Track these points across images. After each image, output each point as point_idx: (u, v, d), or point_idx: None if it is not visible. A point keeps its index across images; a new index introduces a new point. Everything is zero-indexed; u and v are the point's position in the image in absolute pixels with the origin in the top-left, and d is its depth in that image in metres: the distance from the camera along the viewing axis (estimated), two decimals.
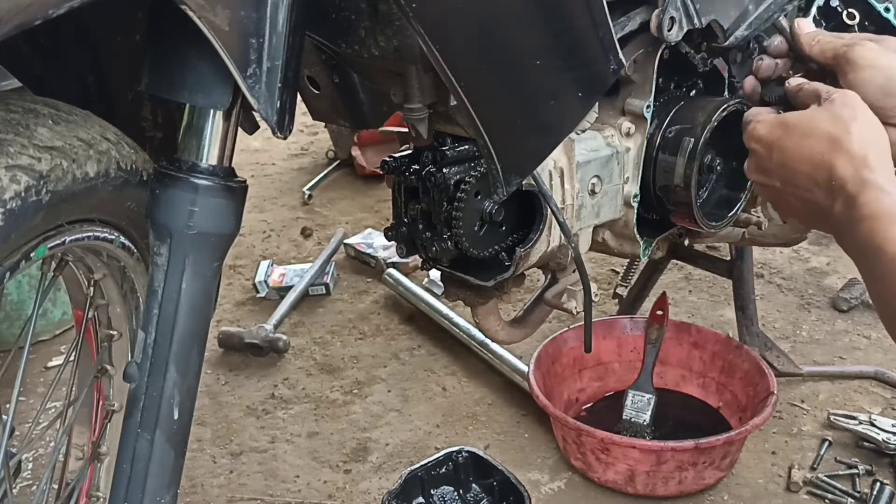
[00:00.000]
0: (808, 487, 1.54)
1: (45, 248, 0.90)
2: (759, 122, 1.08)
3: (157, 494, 0.90)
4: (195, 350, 0.91)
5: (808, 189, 1.02)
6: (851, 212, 0.96)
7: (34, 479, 1.61)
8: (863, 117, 1.01)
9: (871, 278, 0.95)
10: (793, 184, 1.03)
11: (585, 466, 1.56)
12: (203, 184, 0.87)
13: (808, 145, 1.01)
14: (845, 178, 0.97)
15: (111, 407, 1.18)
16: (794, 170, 1.02)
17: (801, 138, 1.02)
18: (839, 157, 0.98)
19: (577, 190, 1.28)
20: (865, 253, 0.94)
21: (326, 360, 2.00)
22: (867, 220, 0.93)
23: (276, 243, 2.59)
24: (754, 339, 1.76)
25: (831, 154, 0.98)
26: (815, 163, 1.00)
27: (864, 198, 0.95)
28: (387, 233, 1.24)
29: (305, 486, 1.60)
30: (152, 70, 0.87)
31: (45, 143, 0.84)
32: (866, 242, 0.93)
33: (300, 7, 0.84)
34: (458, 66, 0.89)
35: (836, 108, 1.02)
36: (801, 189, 1.03)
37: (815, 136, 1.01)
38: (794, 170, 1.02)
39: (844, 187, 0.97)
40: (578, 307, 1.35)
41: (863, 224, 0.94)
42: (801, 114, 1.05)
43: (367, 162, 2.95)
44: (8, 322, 1.98)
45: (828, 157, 0.98)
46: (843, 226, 0.98)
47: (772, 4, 1.38)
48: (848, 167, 0.97)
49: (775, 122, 1.06)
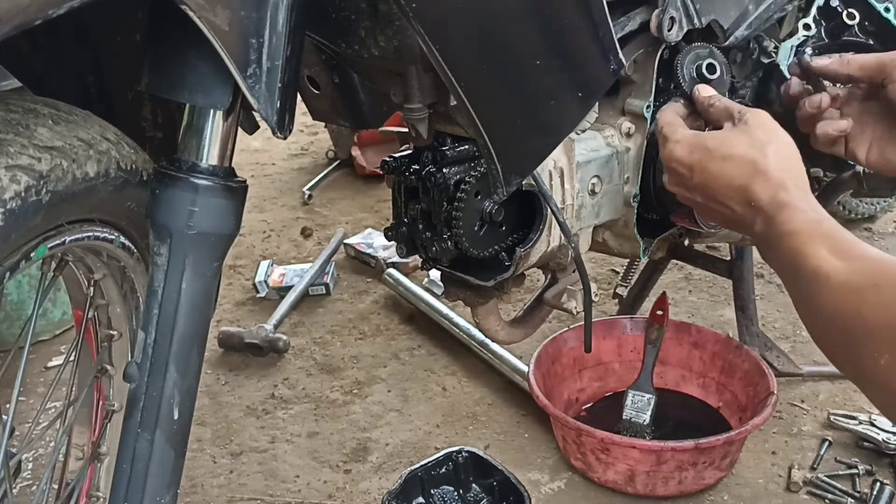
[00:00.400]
0: (808, 487, 1.54)
1: (45, 248, 0.90)
2: (677, 143, 1.14)
3: (157, 494, 0.90)
4: (195, 350, 0.91)
5: (729, 207, 1.08)
6: (770, 230, 1.01)
7: (34, 479, 1.61)
8: (777, 139, 1.08)
9: (794, 293, 0.99)
10: (714, 201, 1.10)
11: (585, 466, 1.56)
12: (203, 184, 0.87)
13: (727, 168, 1.07)
14: (763, 199, 1.03)
15: (111, 407, 1.18)
16: (716, 190, 1.09)
17: (720, 161, 1.08)
18: (757, 180, 1.04)
19: (577, 190, 1.28)
20: (787, 268, 0.99)
21: (326, 360, 2.00)
22: (785, 238, 0.98)
23: (276, 243, 2.59)
24: (754, 339, 1.76)
25: (750, 178, 1.05)
26: (734, 185, 1.06)
27: (781, 217, 1.00)
28: (387, 233, 1.24)
29: (305, 486, 1.60)
30: (152, 70, 0.87)
31: (45, 143, 0.84)
32: (786, 259, 0.98)
33: (300, 7, 0.84)
34: (458, 66, 0.89)
35: (752, 131, 1.09)
36: (723, 207, 1.09)
37: (734, 160, 1.07)
38: (716, 190, 1.09)
39: (763, 208, 1.03)
40: (578, 307, 1.35)
41: (782, 242, 0.99)
42: (719, 136, 1.12)
43: (367, 162, 2.95)
44: (8, 322, 1.98)
45: (746, 181, 1.05)
46: (764, 243, 1.04)
47: (772, 4, 1.39)
48: (766, 189, 1.03)
49: (694, 144, 1.12)
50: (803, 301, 0.96)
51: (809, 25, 1.46)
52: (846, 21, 1.48)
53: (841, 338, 0.90)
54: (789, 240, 0.97)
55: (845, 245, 0.93)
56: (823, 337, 0.95)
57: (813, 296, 0.93)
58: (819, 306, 0.93)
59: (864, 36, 1.49)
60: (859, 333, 0.87)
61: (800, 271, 0.95)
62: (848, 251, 0.92)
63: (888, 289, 0.86)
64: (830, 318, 0.91)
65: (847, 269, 0.90)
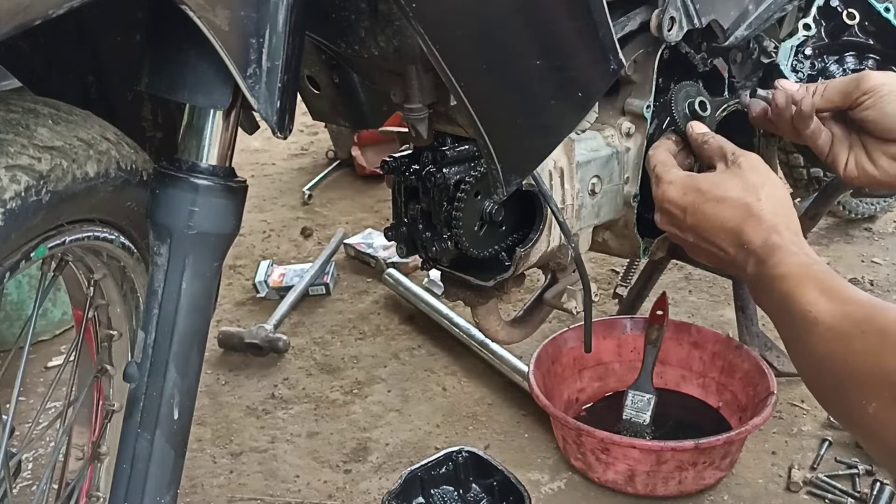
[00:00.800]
0: (808, 487, 1.54)
1: (45, 248, 0.90)
2: (670, 184, 1.16)
3: (157, 494, 0.90)
4: (195, 350, 0.91)
5: (721, 249, 1.10)
6: (762, 272, 1.02)
7: (34, 479, 1.61)
8: (770, 182, 1.10)
9: (785, 336, 1.00)
10: (707, 241, 1.12)
11: (585, 466, 1.56)
12: (203, 184, 0.87)
13: (721, 210, 1.09)
14: (756, 242, 1.04)
15: (111, 407, 1.18)
16: (708, 231, 1.11)
17: (714, 203, 1.10)
18: (750, 223, 1.06)
19: (577, 190, 1.28)
20: (779, 311, 1.00)
21: (326, 360, 2.00)
22: (776, 281, 0.99)
23: (276, 243, 2.59)
24: (754, 339, 1.76)
25: (743, 220, 1.07)
26: (727, 228, 1.08)
27: (772, 260, 1.01)
28: (387, 233, 1.24)
29: (305, 486, 1.60)
30: (152, 70, 0.87)
31: (45, 143, 0.84)
32: (778, 302, 0.99)
33: (300, 7, 0.84)
34: (458, 66, 0.89)
35: (745, 174, 1.10)
36: (715, 248, 1.11)
37: (727, 202, 1.09)
38: (708, 231, 1.11)
39: (755, 251, 1.04)
40: (578, 307, 1.35)
41: (773, 284, 1.00)
42: (712, 178, 1.14)
43: (367, 162, 2.95)
44: (8, 322, 1.97)
45: (740, 223, 1.07)
46: (756, 284, 1.05)
47: (772, 4, 1.39)
48: (759, 232, 1.05)
49: (688, 186, 1.14)
50: (794, 344, 0.97)
51: (809, 25, 1.46)
52: (846, 21, 1.48)
53: (831, 383, 0.90)
54: (780, 283, 0.98)
55: (835, 288, 0.93)
56: (814, 381, 0.95)
57: (803, 339, 0.93)
58: (809, 351, 0.93)
59: (864, 36, 1.50)
60: (847, 380, 0.86)
61: (791, 314, 0.95)
62: (838, 294, 0.92)
63: (873, 335, 0.85)
64: (820, 363, 0.91)
65: (835, 313, 0.90)
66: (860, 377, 0.85)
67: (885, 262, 2.30)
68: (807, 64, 1.48)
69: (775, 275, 0.99)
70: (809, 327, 0.92)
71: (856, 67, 1.50)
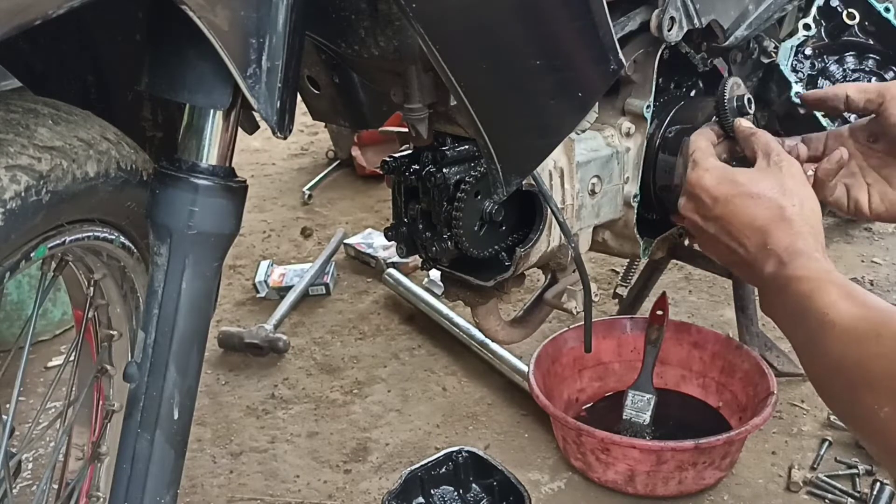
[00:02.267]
0: (808, 487, 1.54)
1: (45, 248, 0.90)
2: (707, 171, 1.14)
3: (157, 494, 0.90)
4: (195, 350, 0.91)
5: (741, 245, 1.08)
6: (781, 273, 1.01)
7: (34, 479, 1.61)
8: (807, 192, 1.09)
9: (799, 338, 0.99)
10: (728, 235, 1.10)
11: (585, 466, 1.56)
12: (203, 184, 0.87)
13: (753, 206, 1.08)
14: (781, 244, 1.03)
15: (111, 407, 1.18)
16: (734, 225, 1.09)
17: (747, 198, 1.08)
18: (780, 225, 1.05)
19: (577, 190, 1.28)
20: (793, 313, 0.99)
21: (326, 360, 2.00)
22: (795, 282, 0.99)
23: (276, 243, 2.59)
24: (754, 339, 1.76)
25: (773, 221, 1.05)
26: (755, 225, 1.07)
27: (795, 263, 1.01)
28: (387, 233, 1.24)
29: (305, 486, 1.60)
30: (152, 70, 0.87)
31: (45, 143, 0.84)
32: (794, 303, 0.98)
33: (300, 7, 0.84)
34: (458, 66, 0.89)
35: (784, 178, 1.09)
36: (736, 243, 1.09)
37: (761, 200, 1.07)
38: (734, 225, 1.09)
39: (778, 253, 1.03)
40: (578, 307, 1.35)
41: (791, 285, 0.99)
42: (750, 173, 1.12)
43: (367, 162, 2.95)
44: (8, 322, 1.97)
45: (769, 223, 1.05)
46: (771, 285, 1.04)
47: (772, 4, 1.39)
48: (786, 236, 1.04)
49: (724, 176, 1.12)
50: (808, 346, 0.96)
51: (809, 25, 1.46)
52: (846, 21, 1.48)
53: (843, 386, 0.90)
54: (799, 284, 0.97)
55: (855, 293, 0.93)
56: (826, 384, 0.94)
57: (818, 341, 0.93)
58: (823, 353, 0.92)
59: (864, 36, 1.50)
60: (860, 383, 0.86)
61: (807, 314, 0.95)
62: (857, 298, 0.92)
63: (889, 338, 0.85)
64: (833, 365, 0.90)
65: (853, 316, 0.90)
66: (874, 380, 0.84)
67: (885, 262, 2.30)
68: (807, 64, 1.49)
69: (795, 276, 0.98)
70: (826, 329, 0.91)
71: (856, 67, 1.50)
